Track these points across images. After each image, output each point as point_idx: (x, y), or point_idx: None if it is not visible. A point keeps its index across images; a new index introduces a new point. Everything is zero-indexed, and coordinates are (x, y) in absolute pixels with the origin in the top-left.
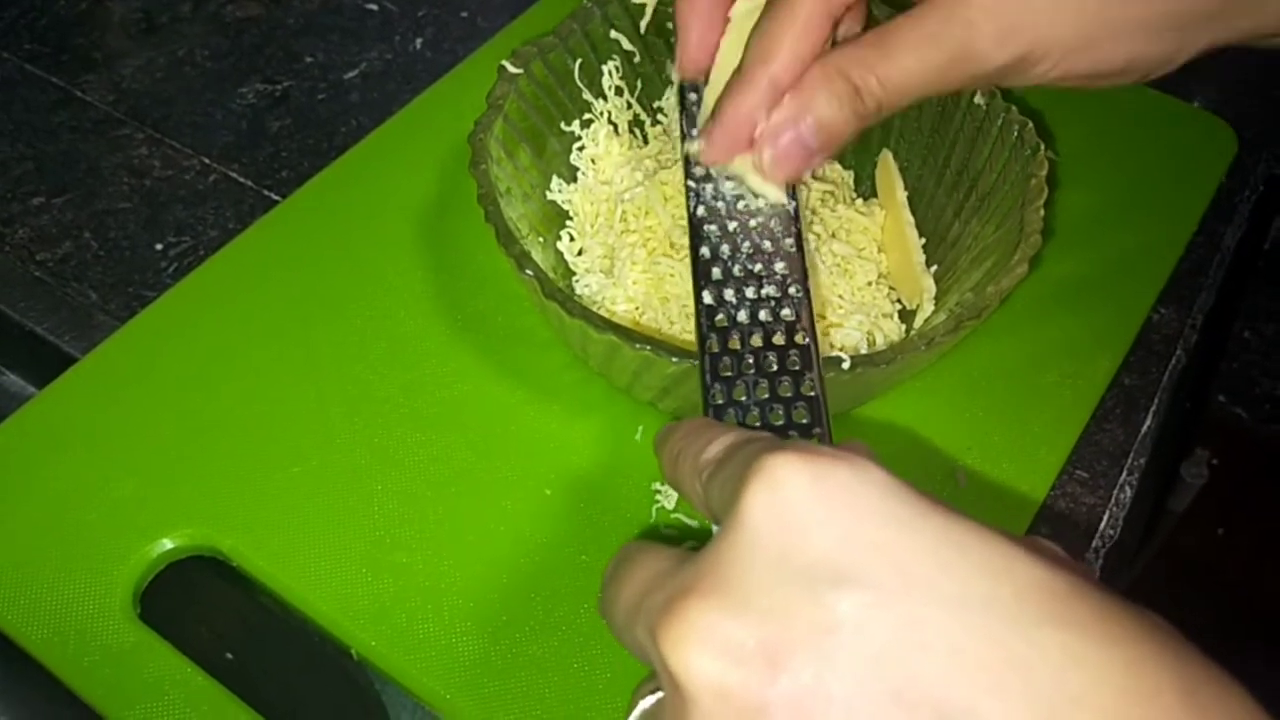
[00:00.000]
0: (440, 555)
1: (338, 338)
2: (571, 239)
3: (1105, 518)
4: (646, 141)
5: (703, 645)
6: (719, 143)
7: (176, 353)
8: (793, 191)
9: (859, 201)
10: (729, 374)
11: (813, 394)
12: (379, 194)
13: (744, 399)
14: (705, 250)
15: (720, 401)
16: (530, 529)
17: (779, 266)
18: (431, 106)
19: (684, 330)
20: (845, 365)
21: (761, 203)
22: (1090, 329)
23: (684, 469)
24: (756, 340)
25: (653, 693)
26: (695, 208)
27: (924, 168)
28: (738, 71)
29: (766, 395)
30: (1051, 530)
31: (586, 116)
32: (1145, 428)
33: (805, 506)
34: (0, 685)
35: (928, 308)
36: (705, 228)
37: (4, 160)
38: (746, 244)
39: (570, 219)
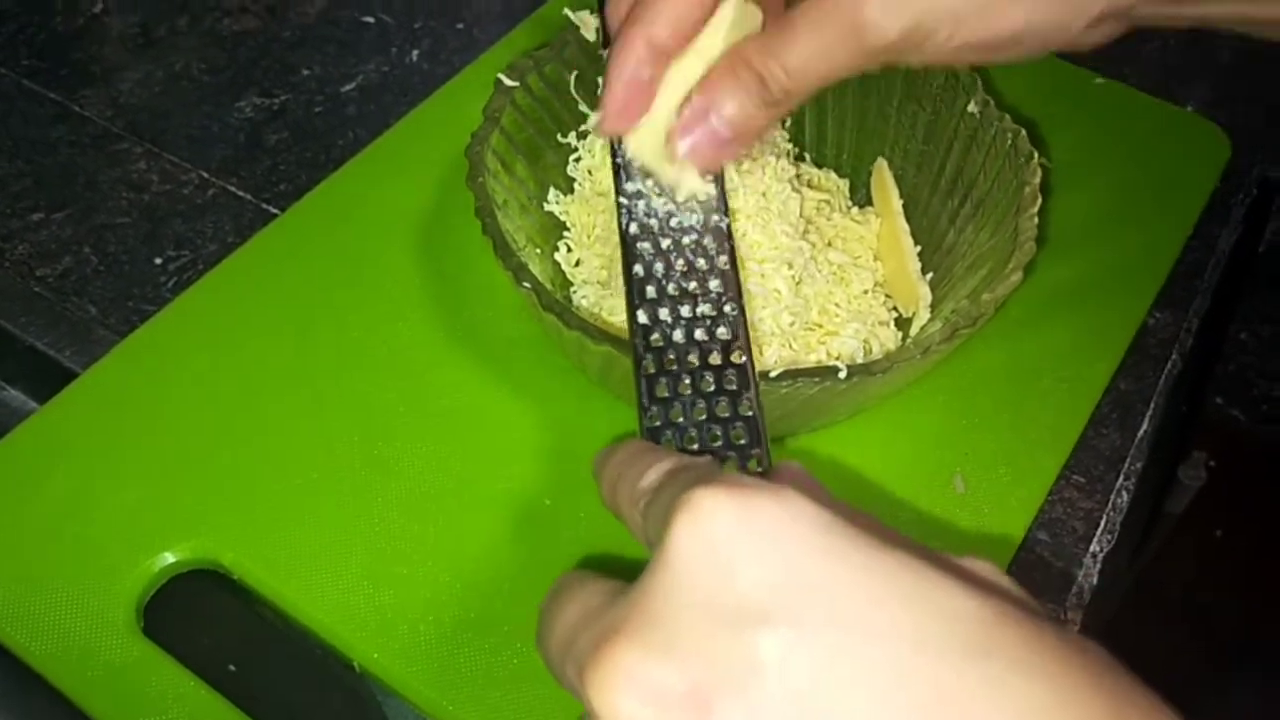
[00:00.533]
0: (441, 567)
1: (337, 350)
2: (569, 250)
3: (1103, 522)
4: None
5: (629, 690)
6: (611, 111)
7: (177, 366)
8: (724, 209)
9: (854, 210)
10: (666, 395)
11: (750, 414)
12: (377, 206)
13: (681, 420)
14: (639, 268)
15: (658, 424)
16: (530, 539)
17: (713, 284)
18: (428, 119)
19: None
20: (842, 374)
21: (693, 219)
22: (1086, 334)
23: (621, 495)
24: (693, 360)
25: None
26: (628, 225)
27: (918, 176)
28: (615, 38)
29: (704, 416)
30: (1049, 535)
31: (582, 128)
32: (1142, 431)
33: (730, 542)
34: (4, 700)
35: (924, 315)
36: (638, 245)
37: (3, 176)
38: (680, 262)
39: (567, 230)
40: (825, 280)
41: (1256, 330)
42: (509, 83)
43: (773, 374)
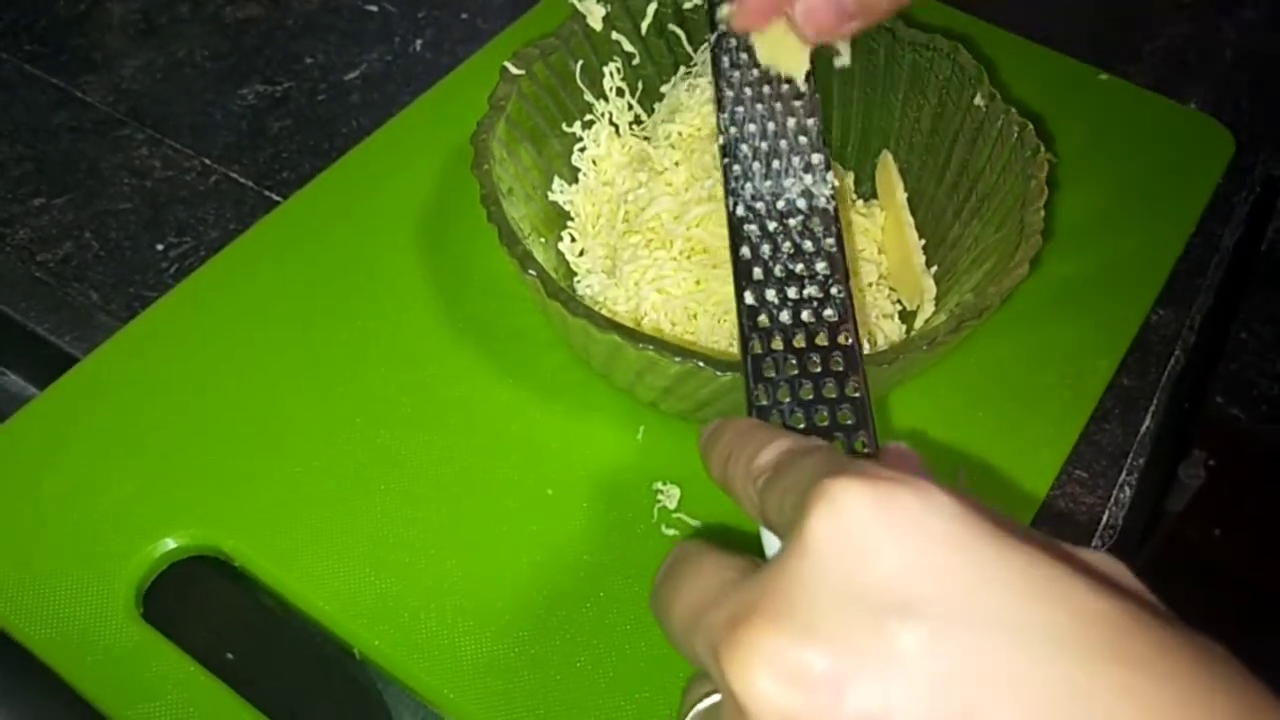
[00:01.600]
0: (443, 555)
1: (339, 338)
2: (573, 239)
3: (1105, 517)
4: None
5: (769, 669)
6: (750, 5)
7: (178, 353)
8: (832, 191)
9: (859, 203)
10: (772, 374)
11: (857, 395)
12: (380, 195)
13: (787, 400)
14: (746, 250)
15: (764, 403)
16: (532, 529)
17: (820, 266)
18: (432, 108)
19: (685, 331)
20: None
21: (800, 201)
22: (1089, 330)
23: (736, 471)
24: (799, 341)
25: (709, 695)
26: (735, 207)
27: (924, 169)
28: None
29: (811, 397)
30: (1052, 530)
31: (588, 117)
32: (1144, 428)
33: (869, 532)
34: (3, 685)
35: (928, 309)
36: (745, 227)
37: (4, 161)
38: (787, 244)
39: (572, 219)
40: None
41: (1258, 330)
42: (515, 71)
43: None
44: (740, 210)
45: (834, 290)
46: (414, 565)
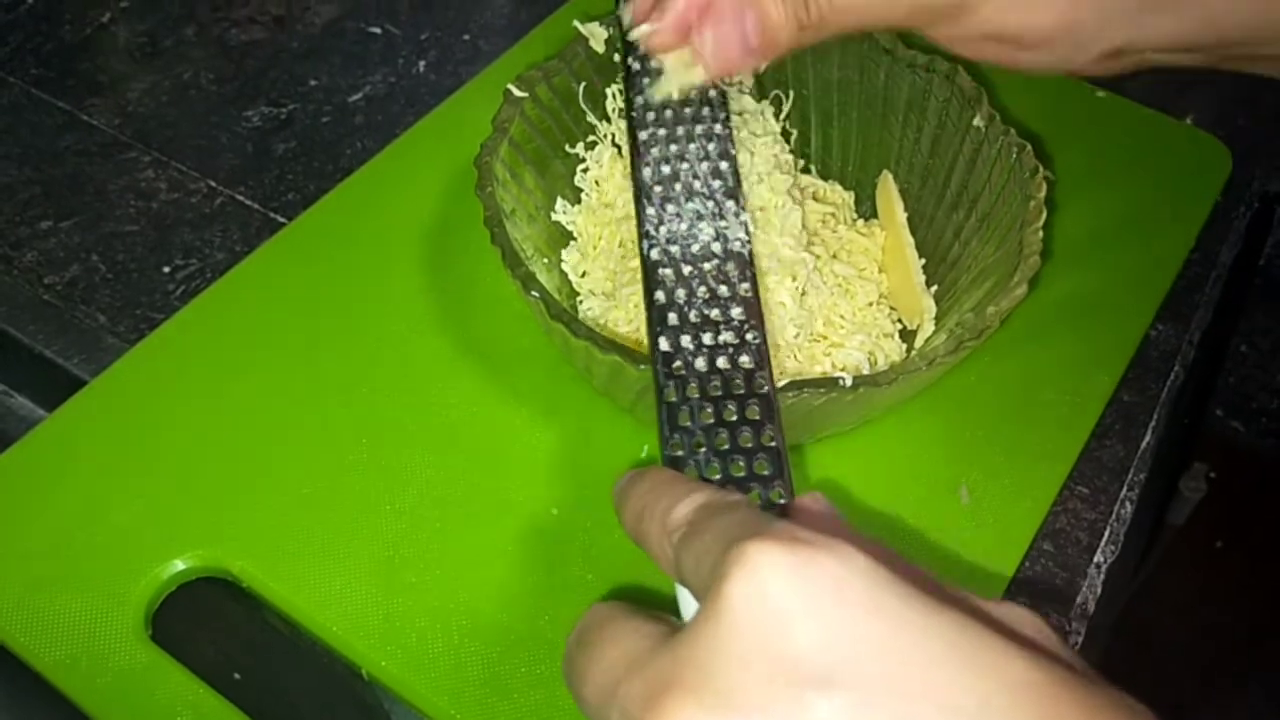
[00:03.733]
0: (448, 575)
1: (345, 359)
2: (576, 261)
3: (1107, 533)
4: None
5: None
6: (673, 24)
7: (185, 375)
8: (747, 235)
9: (859, 222)
10: (688, 424)
11: (773, 444)
12: (384, 216)
13: (703, 450)
14: (660, 295)
15: (680, 453)
16: (537, 548)
17: (735, 312)
18: (435, 129)
19: None
20: (847, 384)
21: (715, 245)
22: (1089, 347)
23: (650, 527)
24: (716, 388)
25: None
26: (649, 251)
27: (924, 189)
28: None
29: (727, 446)
30: (1053, 547)
31: (590, 139)
32: (1145, 443)
33: (788, 599)
34: (12, 707)
35: (928, 328)
36: (660, 271)
37: (11, 184)
38: (703, 289)
39: (574, 240)
40: (830, 292)
41: (1257, 344)
42: (518, 93)
43: (778, 385)
44: (655, 254)
45: (749, 336)
46: (420, 585)
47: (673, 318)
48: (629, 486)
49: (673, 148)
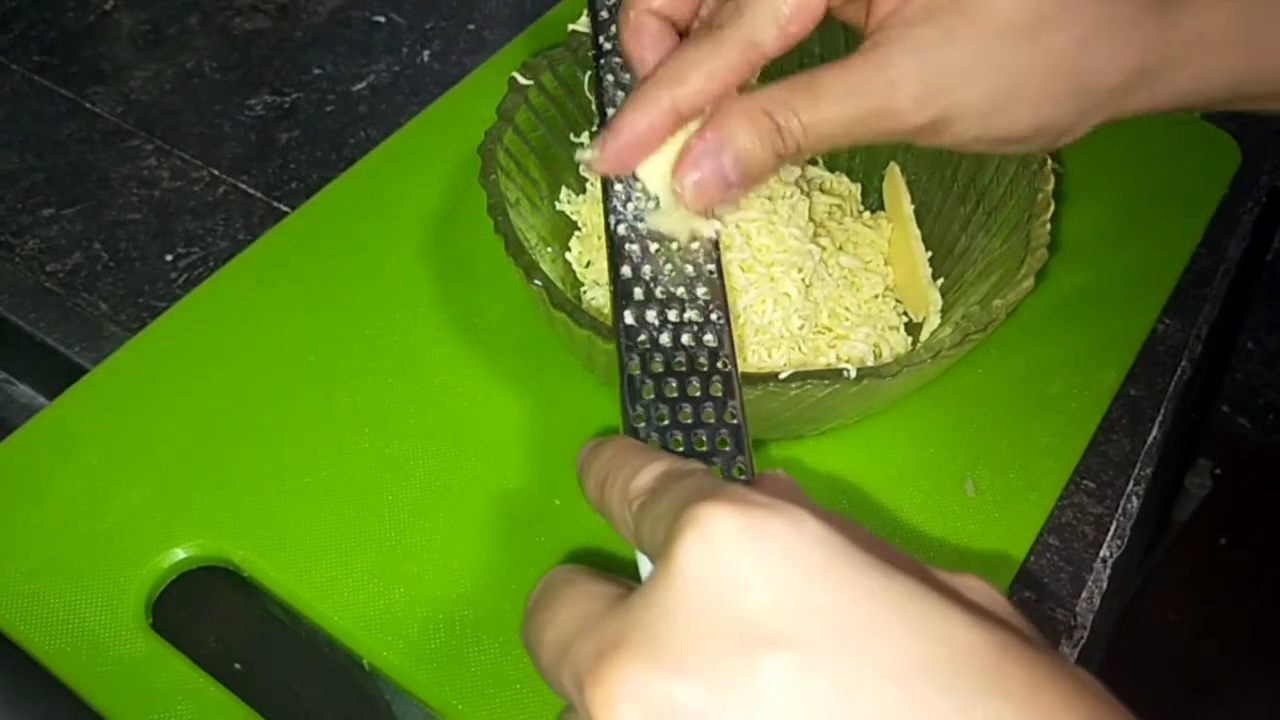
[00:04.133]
0: (451, 565)
1: (347, 348)
2: (580, 250)
3: (1113, 528)
4: None
5: (633, 704)
6: (611, 154)
7: (187, 363)
8: (714, 216)
9: (866, 214)
10: (651, 397)
11: (735, 421)
12: (388, 205)
13: (665, 423)
14: (627, 269)
15: (641, 424)
16: (540, 538)
17: (701, 292)
18: (439, 118)
19: None
20: (852, 376)
21: (685, 234)
22: (1096, 341)
23: (611, 495)
24: (680, 364)
25: None
26: (616, 226)
27: (931, 181)
28: (639, 86)
29: (690, 420)
30: (1060, 541)
31: (595, 127)
32: (1152, 438)
33: (739, 561)
34: (12, 695)
35: (934, 320)
36: (626, 247)
37: (14, 172)
38: (669, 266)
39: (579, 230)
40: (836, 284)
41: (1264, 340)
42: (523, 81)
43: (782, 375)
44: (621, 230)
45: (714, 316)
46: (422, 576)
47: (638, 292)
48: (591, 455)
49: None
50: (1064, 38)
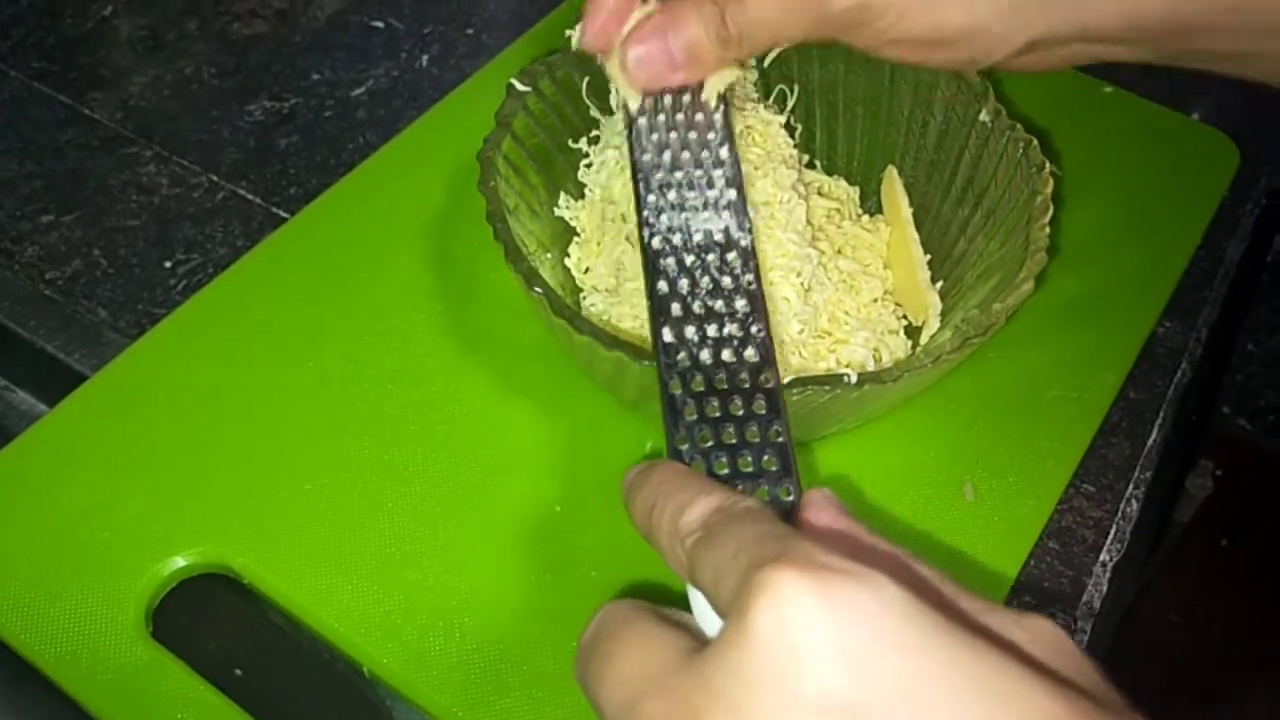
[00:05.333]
0: (451, 572)
1: (347, 354)
2: (579, 256)
3: (1113, 531)
4: None
5: None
6: (590, 30)
7: (187, 370)
8: (748, 224)
9: (864, 218)
10: (694, 418)
11: (781, 440)
12: (387, 211)
13: (710, 444)
14: (663, 285)
15: (685, 447)
16: (540, 546)
17: (740, 304)
18: (438, 123)
19: None
20: (852, 381)
21: (718, 235)
22: (1095, 344)
23: (660, 525)
24: (721, 382)
25: None
26: (650, 239)
27: (929, 184)
28: None
29: (734, 441)
30: (1059, 544)
31: (594, 133)
32: (1151, 441)
33: (814, 629)
34: (12, 704)
35: (933, 324)
36: (661, 261)
37: (12, 178)
38: (706, 279)
39: (578, 235)
40: (835, 288)
41: (1264, 341)
42: (521, 87)
43: (782, 381)
44: (656, 243)
45: (754, 329)
46: (422, 582)
47: (676, 308)
48: (638, 480)
49: (672, 135)
50: None
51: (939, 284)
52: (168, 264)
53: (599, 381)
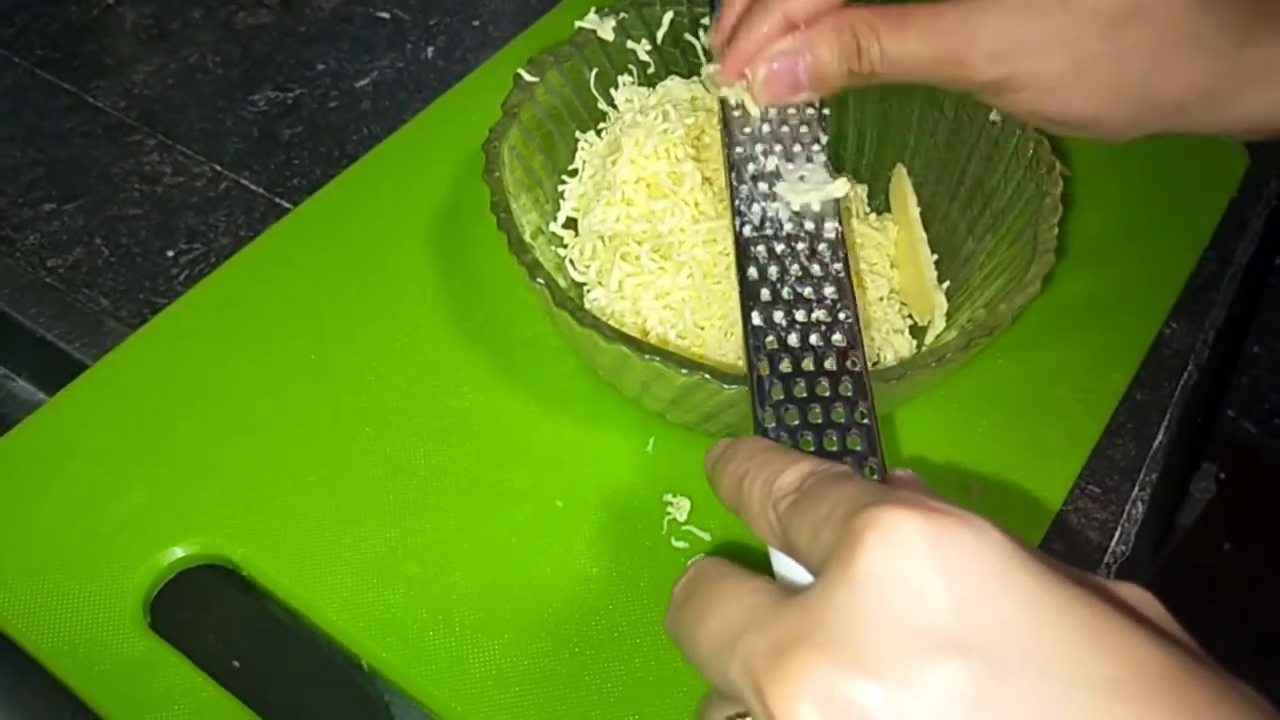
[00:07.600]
0: (451, 566)
1: (349, 346)
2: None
3: (1118, 533)
4: None
5: (816, 701)
6: (731, 64)
7: (188, 360)
8: (839, 218)
9: (872, 216)
10: (780, 398)
11: (865, 421)
12: (391, 202)
13: (796, 423)
14: (753, 271)
15: (771, 425)
16: (541, 541)
17: (828, 291)
18: (443, 115)
19: (694, 344)
20: None
21: (809, 225)
22: (1102, 345)
23: (752, 494)
24: (808, 365)
25: (735, 718)
26: (742, 228)
27: (938, 184)
28: (757, 2)
29: (819, 421)
30: (1064, 545)
31: (600, 126)
32: (1158, 442)
33: (925, 569)
34: (10, 693)
35: (939, 324)
36: (753, 249)
37: (15, 166)
38: (795, 267)
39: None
40: None
41: (1271, 345)
42: (529, 78)
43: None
44: (748, 231)
45: (842, 315)
46: (423, 577)
47: (765, 294)
48: (726, 455)
49: (765, 128)
50: (1142, 40)
51: (946, 284)
52: (170, 253)
53: (601, 374)
